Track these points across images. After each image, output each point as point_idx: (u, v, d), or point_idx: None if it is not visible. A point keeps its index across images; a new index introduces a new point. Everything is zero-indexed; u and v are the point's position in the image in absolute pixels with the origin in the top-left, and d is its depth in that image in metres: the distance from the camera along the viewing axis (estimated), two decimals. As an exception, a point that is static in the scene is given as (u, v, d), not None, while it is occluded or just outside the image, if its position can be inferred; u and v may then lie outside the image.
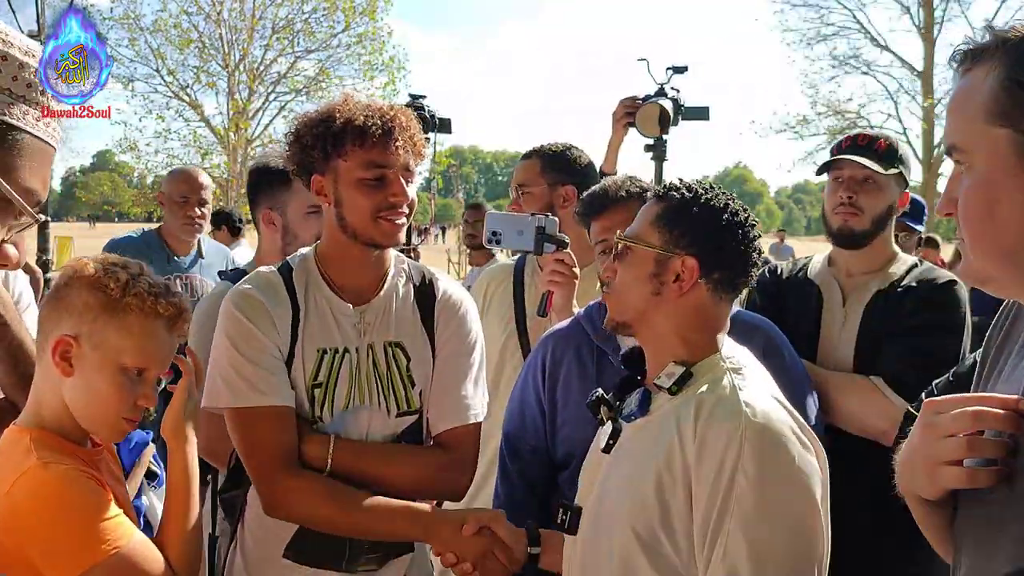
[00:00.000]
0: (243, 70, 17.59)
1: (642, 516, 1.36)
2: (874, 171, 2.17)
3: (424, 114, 3.00)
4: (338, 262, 1.80)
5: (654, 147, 3.08)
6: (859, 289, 2.22)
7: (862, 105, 21.12)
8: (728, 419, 1.31)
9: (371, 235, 1.72)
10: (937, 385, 1.79)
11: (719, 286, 1.44)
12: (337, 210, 1.73)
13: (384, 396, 1.78)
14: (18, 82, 0.85)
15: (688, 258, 1.42)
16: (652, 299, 1.44)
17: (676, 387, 1.41)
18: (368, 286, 1.81)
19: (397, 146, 1.67)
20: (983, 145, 0.94)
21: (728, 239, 1.43)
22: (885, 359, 2.09)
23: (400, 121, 1.69)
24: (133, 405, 1.46)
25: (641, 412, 1.45)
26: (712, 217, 1.44)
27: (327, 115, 1.69)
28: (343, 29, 17.78)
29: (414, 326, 1.83)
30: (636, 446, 1.44)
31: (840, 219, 2.20)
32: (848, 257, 2.27)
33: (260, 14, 17.33)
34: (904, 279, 2.19)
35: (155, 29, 16.98)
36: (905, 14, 20.58)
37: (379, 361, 1.78)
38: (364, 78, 17.83)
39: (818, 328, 2.24)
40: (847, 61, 21.13)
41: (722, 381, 1.39)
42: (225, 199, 17.05)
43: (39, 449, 1.37)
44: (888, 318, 2.14)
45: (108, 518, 1.35)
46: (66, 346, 1.41)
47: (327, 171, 1.71)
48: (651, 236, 1.46)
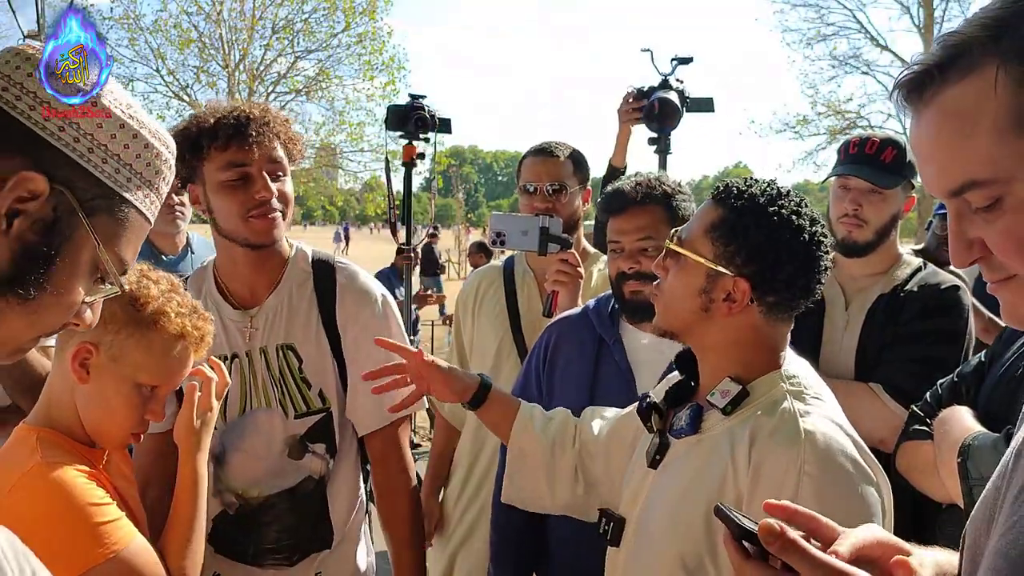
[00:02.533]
0: (243, 70, 17.55)
1: (689, 543, 1.29)
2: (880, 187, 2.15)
3: (424, 114, 2.99)
4: (227, 267, 1.80)
5: (657, 140, 3.06)
6: (862, 293, 2.21)
7: (862, 105, 21.08)
8: (787, 447, 1.22)
9: (244, 236, 1.70)
10: (941, 385, 1.79)
11: (774, 309, 1.32)
12: (211, 216, 1.73)
13: (279, 398, 1.77)
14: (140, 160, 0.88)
15: (740, 280, 1.30)
16: (700, 314, 1.34)
17: (731, 407, 1.31)
18: (260, 288, 1.80)
19: (252, 141, 1.64)
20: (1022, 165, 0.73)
21: (787, 261, 1.29)
22: (884, 366, 2.08)
23: (255, 115, 1.67)
24: (141, 420, 1.47)
25: (692, 430, 1.35)
26: (771, 234, 1.29)
27: (187, 124, 1.69)
28: (343, 29, 17.74)
29: (308, 326, 1.80)
30: (686, 466, 1.35)
31: (844, 230, 2.20)
32: (852, 261, 2.26)
33: (260, 14, 17.30)
34: (907, 284, 2.17)
35: (155, 29, 16.95)
36: (905, 14, 20.55)
37: (272, 364, 1.77)
38: (364, 78, 17.81)
39: (820, 333, 2.23)
40: (847, 61, 21.08)
41: (782, 404, 1.28)
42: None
43: (44, 448, 1.37)
44: (889, 324, 2.13)
45: (108, 521, 1.34)
46: (86, 353, 1.41)
47: (196, 179, 1.71)
48: (703, 246, 1.33)
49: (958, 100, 0.75)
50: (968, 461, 1.42)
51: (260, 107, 1.70)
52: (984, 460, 1.39)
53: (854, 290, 2.24)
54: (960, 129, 0.75)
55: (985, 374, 1.69)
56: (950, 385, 1.76)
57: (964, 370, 1.75)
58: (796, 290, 1.31)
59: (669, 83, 3.00)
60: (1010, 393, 1.56)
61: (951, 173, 0.78)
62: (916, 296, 2.13)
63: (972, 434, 1.47)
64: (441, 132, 3.09)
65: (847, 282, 2.26)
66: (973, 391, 1.68)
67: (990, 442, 1.42)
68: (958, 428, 1.53)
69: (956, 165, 0.77)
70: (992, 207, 0.76)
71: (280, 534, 1.79)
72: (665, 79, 3.01)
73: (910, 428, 1.77)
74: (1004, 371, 1.61)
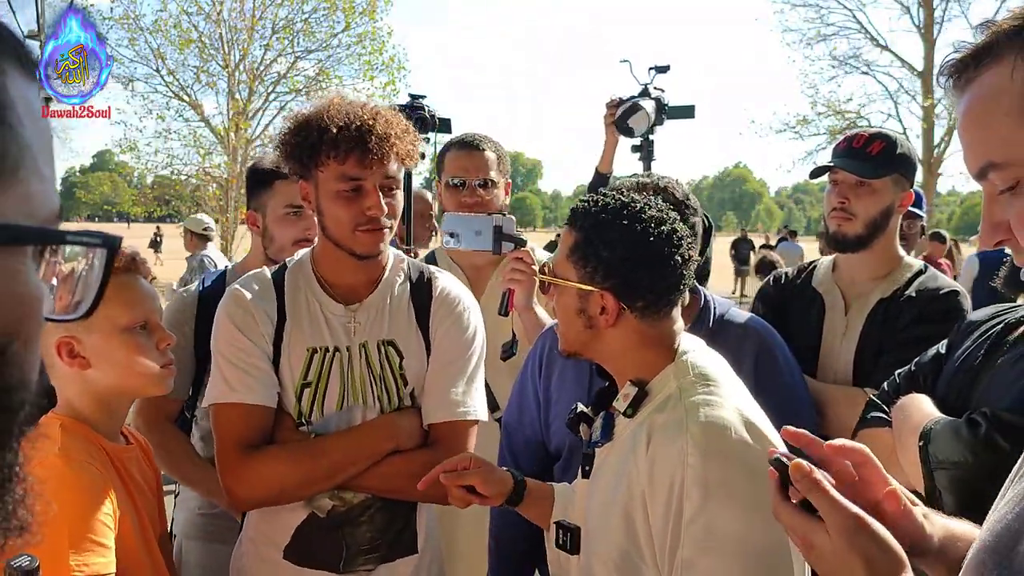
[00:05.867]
0: (243, 70, 17.56)
1: (615, 546, 1.34)
2: (866, 179, 2.14)
3: (424, 114, 2.99)
4: (330, 263, 1.80)
5: (640, 148, 3.14)
6: (862, 297, 2.21)
7: (862, 105, 21.13)
8: (675, 439, 1.26)
9: (350, 246, 1.72)
10: (899, 375, 1.79)
11: (647, 311, 1.37)
12: (320, 218, 1.74)
13: (377, 395, 1.77)
14: None
15: (606, 293, 1.36)
16: (587, 332, 1.40)
17: (631, 409, 1.36)
18: (361, 285, 1.80)
19: (372, 157, 1.64)
20: None
21: (643, 267, 1.35)
22: (881, 371, 2.06)
23: (378, 130, 1.64)
24: (158, 352, 1.51)
25: (605, 438, 1.42)
26: (620, 247, 1.34)
27: (304, 124, 1.67)
28: (343, 29, 17.76)
29: (408, 325, 1.82)
30: (605, 472, 1.41)
31: (834, 224, 2.19)
32: (852, 263, 2.25)
33: (260, 14, 17.30)
34: (907, 288, 2.16)
35: (155, 29, 16.95)
36: (905, 14, 20.58)
37: (372, 360, 1.77)
38: (364, 78, 17.82)
39: (820, 337, 2.22)
40: (847, 61, 21.12)
41: (672, 397, 1.33)
42: (225, 199, 17.05)
43: (66, 438, 1.37)
44: (888, 328, 2.12)
45: (96, 542, 1.31)
46: (68, 346, 1.42)
47: (309, 178, 1.72)
48: (568, 271, 1.40)
49: (984, 86, 0.80)
50: (929, 445, 1.43)
51: (383, 118, 1.67)
52: (945, 444, 1.41)
53: (854, 295, 2.23)
54: (983, 113, 0.80)
55: (943, 364, 1.69)
56: (908, 374, 1.76)
57: (922, 360, 1.76)
58: (661, 290, 1.36)
59: (648, 92, 3.06)
60: (968, 382, 1.57)
61: (976, 156, 0.82)
62: (914, 301, 2.12)
63: (932, 420, 1.48)
64: (441, 132, 3.08)
65: (847, 286, 2.25)
66: (931, 380, 1.69)
67: (951, 426, 1.43)
68: (917, 414, 1.54)
69: (979, 148, 0.82)
70: (1014, 189, 0.79)
71: (373, 534, 1.77)
72: (645, 88, 3.07)
73: (867, 415, 1.77)
74: (963, 360, 1.62)
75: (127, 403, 1.58)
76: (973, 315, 1.76)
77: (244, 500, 1.70)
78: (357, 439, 1.71)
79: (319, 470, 1.68)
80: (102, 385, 1.45)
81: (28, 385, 0.53)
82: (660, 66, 3.16)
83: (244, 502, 1.71)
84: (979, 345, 1.61)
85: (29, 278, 0.52)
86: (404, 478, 1.72)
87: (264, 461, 1.66)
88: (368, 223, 1.69)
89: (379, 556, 1.78)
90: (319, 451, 1.69)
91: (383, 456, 1.73)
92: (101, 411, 1.47)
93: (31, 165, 0.51)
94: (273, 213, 2.34)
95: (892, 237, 2.23)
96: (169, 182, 18.61)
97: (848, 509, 0.89)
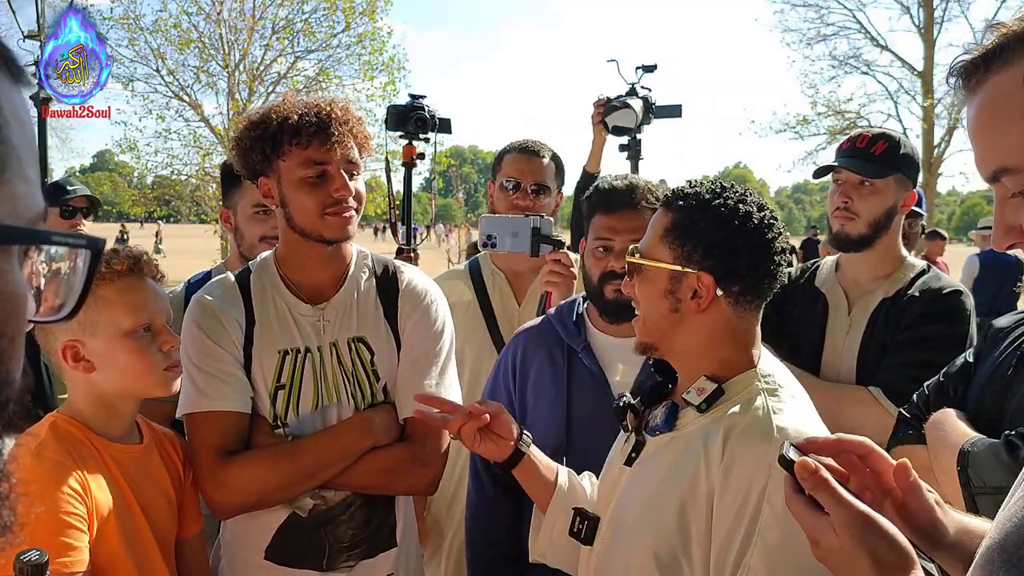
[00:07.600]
0: (243, 70, 17.55)
1: (663, 539, 1.30)
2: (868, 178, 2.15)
3: (424, 114, 2.99)
4: (295, 262, 1.80)
5: (628, 147, 3.15)
6: (865, 297, 2.21)
7: (862, 105, 21.09)
8: (759, 444, 1.24)
9: (320, 232, 1.71)
10: (928, 386, 1.78)
11: (741, 298, 1.35)
12: (284, 211, 1.74)
13: (351, 393, 1.77)
14: None
15: (703, 274, 1.33)
16: (672, 317, 1.36)
17: (706, 404, 1.33)
18: (327, 284, 1.81)
19: (334, 141, 1.67)
20: None
21: (743, 248, 1.33)
22: (884, 370, 2.08)
23: (337, 115, 1.68)
24: (162, 354, 1.52)
25: (667, 427, 1.38)
26: (722, 227, 1.33)
27: (264, 117, 1.69)
28: (343, 29, 17.74)
29: (376, 320, 1.82)
30: (660, 463, 1.37)
31: (838, 223, 2.20)
32: (855, 262, 2.25)
33: (260, 14, 17.29)
34: (910, 288, 2.16)
35: (155, 29, 16.94)
36: (905, 14, 20.54)
37: (343, 358, 1.78)
38: (364, 78, 17.81)
39: (823, 336, 2.22)
40: (847, 61, 21.08)
41: (756, 402, 1.30)
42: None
43: (49, 436, 1.38)
44: (890, 328, 2.12)
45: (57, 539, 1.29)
46: (73, 349, 1.42)
47: (270, 173, 1.72)
48: (661, 252, 1.37)
49: (996, 90, 0.80)
50: (968, 468, 1.42)
51: (340, 106, 1.72)
52: (985, 468, 1.39)
53: (857, 294, 2.23)
54: (995, 117, 0.80)
55: (972, 374, 1.68)
56: (937, 386, 1.75)
57: (950, 370, 1.74)
58: (758, 275, 1.34)
59: (636, 91, 3.07)
60: (1000, 393, 1.55)
61: (988, 160, 0.82)
62: (917, 300, 2.12)
63: (969, 440, 1.46)
64: (441, 132, 3.08)
65: (850, 286, 2.25)
66: (960, 391, 1.67)
67: (990, 449, 1.41)
68: (953, 433, 1.52)
69: (992, 152, 0.81)
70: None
71: (355, 531, 1.78)
72: (632, 87, 3.08)
73: (900, 432, 1.76)
74: (994, 371, 1.61)
75: (132, 404, 1.58)
76: (998, 321, 1.74)
77: (225, 507, 1.70)
78: (334, 439, 1.72)
79: (298, 472, 1.68)
80: (106, 388, 1.46)
81: (12, 383, 0.54)
82: (647, 65, 3.18)
83: (225, 509, 1.71)
84: (1010, 354, 1.59)
85: (14, 277, 0.53)
86: (383, 474, 1.74)
87: (243, 467, 1.66)
88: (335, 205, 1.69)
89: (361, 552, 1.78)
90: (297, 453, 1.69)
91: (361, 454, 1.73)
92: (104, 412, 1.47)
93: (16, 167, 0.52)
94: (243, 212, 2.40)
95: (895, 237, 2.23)
96: (169, 182, 18.61)
97: (855, 507, 0.89)
